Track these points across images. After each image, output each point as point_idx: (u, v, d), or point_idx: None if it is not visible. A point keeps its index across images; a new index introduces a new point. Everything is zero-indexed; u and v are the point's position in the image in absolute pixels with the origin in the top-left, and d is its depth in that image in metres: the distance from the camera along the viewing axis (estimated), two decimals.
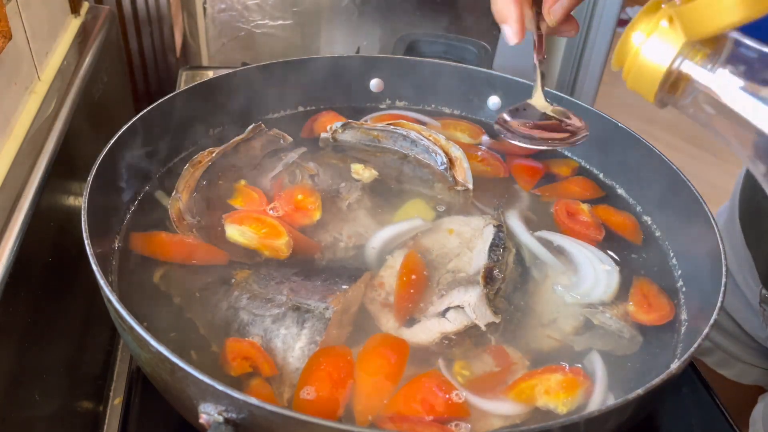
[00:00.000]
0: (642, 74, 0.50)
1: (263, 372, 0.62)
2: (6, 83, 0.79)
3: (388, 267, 0.76)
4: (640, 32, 0.50)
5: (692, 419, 0.78)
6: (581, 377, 0.64)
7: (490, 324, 0.69)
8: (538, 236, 0.83)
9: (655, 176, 0.87)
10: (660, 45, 0.48)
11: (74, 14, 1.12)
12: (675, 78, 0.49)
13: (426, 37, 1.41)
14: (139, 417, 0.72)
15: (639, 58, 0.50)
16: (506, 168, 0.97)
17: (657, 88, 0.49)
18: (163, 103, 0.85)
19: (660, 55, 0.48)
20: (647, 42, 0.49)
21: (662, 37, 0.48)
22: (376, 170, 0.92)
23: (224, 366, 0.63)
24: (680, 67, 0.48)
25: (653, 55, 0.49)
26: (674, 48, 0.48)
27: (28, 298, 0.67)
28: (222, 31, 1.69)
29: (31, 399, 0.66)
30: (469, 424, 0.59)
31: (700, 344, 0.58)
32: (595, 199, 0.92)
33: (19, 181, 0.73)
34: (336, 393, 0.59)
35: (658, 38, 0.48)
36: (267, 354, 0.63)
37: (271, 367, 0.62)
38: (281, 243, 0.77)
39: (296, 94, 1.05)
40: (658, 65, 0.49)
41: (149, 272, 0.73)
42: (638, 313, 0.73)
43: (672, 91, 0.50)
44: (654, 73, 0.49)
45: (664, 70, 0.48)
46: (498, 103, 1.07)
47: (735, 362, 1.13)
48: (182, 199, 0.80)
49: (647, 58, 0.49)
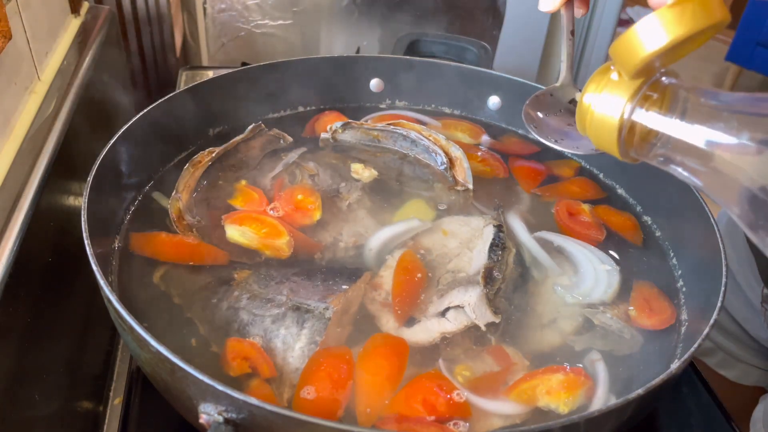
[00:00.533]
0: (600, 130, 0.52)
1: (262, 373, 0.62)
2: (6, 83, 0.79)
3: (388, 267, 0.76)
4: (592, 93, 0.52)
5: (692, 419, 0.78)
6: (582, 377, 0.64)
7: (490, 324, 0.69)
8: (537, 236, 0.83)
9: (655, 176, 0.87)
10: (610, 98, 0.51)
11: (74, 14, 1.12)
12: (630, 128, 0.50)
13: (426, 37, 1.41)
14: (139, 417, 0.72)
15: (594, 115, 0.52)
16: (506, 168, 0.97)
17: (616, 141, 0.51)
18: (163, 103, 0.85)
19: (611, 107, 0.51)
20: (599, 98, 0.51)
21: (612, 90, 0.51)
22: (375, 170, 0.92)
23: (224, 366, 0.63)
24: (633, 117, 0.50)
25: (605, 108, 0.51)
26: (623, 98, 0.50)
27: (28, 298, 0.67)
28: (222, 31, 1.69)
29: (31, 399, 0.66)
30: (468, 422, 0.59)
31: (700, 344, 0.58)
32: (595, 200, 0.92)
33: (19, 181, 0.73)
34: (336, 393, 0.59)
35: (608, 92, 0.51)
36: (267, 355, 0.63)
37: (270, 369, 0.62)
38: (282, 242, 0.77)
39: (296, 94, 1.05)
40: (611, 117, 0.51)
41: (149, 272, 0.73)
42: (640, 318, 0.73)
43: (630, 144, 0.52)
44: (610, 126, 0.51)
45: (617, 121, 0.51)
46: (498, 103, 1.07)
47: (736, 363, 1.13)
48: (182, 199, 0.80)
49: (601, 112, 0.52)
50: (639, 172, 0.91)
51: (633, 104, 0.50)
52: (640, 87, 0.50)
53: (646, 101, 0.50)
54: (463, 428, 0.59)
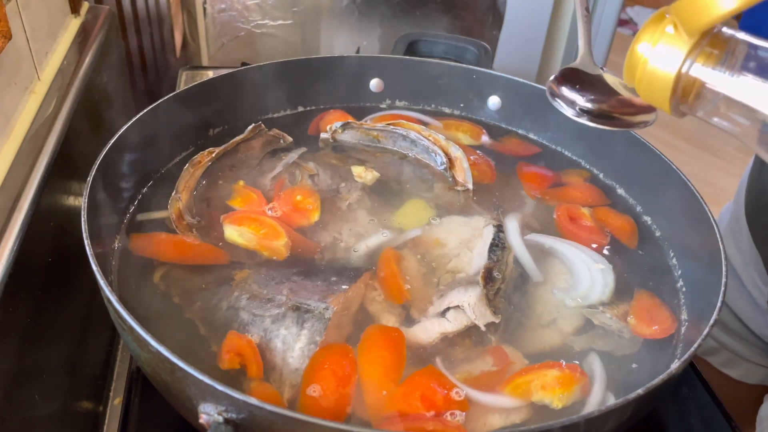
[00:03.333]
0: (652, 84, 0.49)
1: (249, 372, 0.61)
2: (6, 83, 0.79)
3: None
4: (646, 42, 0.49)
5: (692, 419, 0.78)
6: (578, 373, 0.65)
7: (489, 324, 0.69)
8: (529, 239, 0.82)
9: (655, 176, 0.87)
10: (667, 51, 0.48)
11: (74, 14, 1.12)
12: (686, 84, 0.48)
13: (426, 37, 1.41)
14: (139, 417, 0.72)
15: (647, 68, 0.49)
16: (494, 174, 0.95)
17: (669, 96, 0.49)
18: (163, 103, 0.85)
19: (668, 62, 0.48)
20: (654, 50, 0.48)
21: (668, 43, 0.48)
22: (377, 171, 0.92)
23: (217, 358, 0.63)
24: (690, 71, 0.47)
25: (661, 62, 0.48)
26: (681, 52, 0.47)
27: (28, 298, 0.67)
28: (222, 31, 1.69)
29: (31, 399, 0.66)
30: (464, 413, 0.60)
31: (700, 344, 0.58)
32: (598, 205, 0.91)
33: (19, 181, 0.73)
34: (342, 388, 0.60)
35: (664, 45, 0.48)
36: (260, 356, 0.63)
37: (258, 370, 0.61)
38: (280, 244, 0.76)
39: (296, 94, 1.05)
40: (666, 72, 0.48)
41: (149, 272, 0.73)
42: (640, 327, 0.72)
43: (685, 99, 0.49)
44: (664, 81, 0.48)
45: (673, 76, 0.48)
46: (498, 103, 1.07)
47: (741, 362, 1.13)
48: (182, 199, 0.80)
49: (655, 66, 0.49)
50: (639, 172, 0.91)
51: (692, 60, 0.47)
52: (699, 41, 0.46)
53: (707, 58, 0.46)
54: (460, 418, 0.59)
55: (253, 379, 0.61)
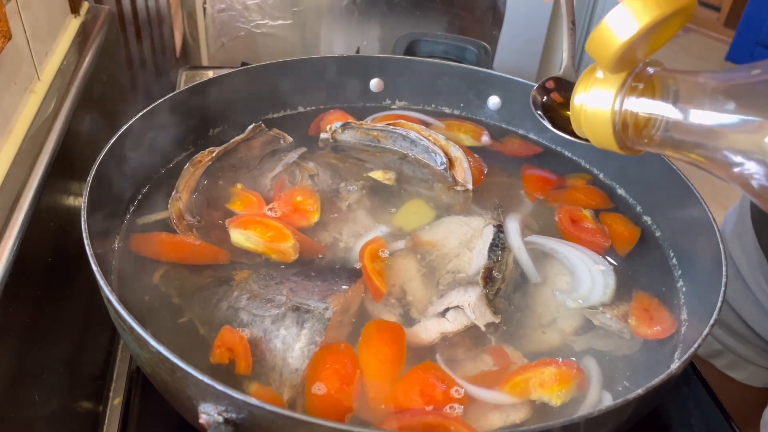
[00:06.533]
0: (595, 125, 0.54)
1: (238, 368, 0.62)
2: (6, 83, 0.79)
3: (387, 267, 0.76)
4: (582, 93, 0.54)
5: (692, 419, 0.78)
6: (575, 370, 0.65)
7: (489, 324, 0.69)
8: (529, 240, 0.82)
9: (655, 176, 0.87)
10: (599, 93, 0.53)
11: (74, 14, 1.12)
12: (624, 119, 0.52)
13: (426, 37, 1.41)
14: (139, 417, 0.72)
15: (588, 112, 0.54)
16: (482, 179, 0.94)
17: (612, 133, 0.53)
18: (163, 103, 0.85)
19: (602, 101, 0.53)
20: (588, 95, 0.54)
21: (599, 86, 0.53)
22: (394, 173, 0.92)
23: (209, 351, 0.63)
24: (624, 106, 0.52)
25: (596, 103, 0.53)
26: (611, 90, 0.52)
27: (28, 298, 0.67)
28: (222, 31, 1.69)
29: (31, 399, 0.66)
30: (463, 406, 0.60)
31: (700, 344, 0.58)
32: (602, 209, 0.91)
33: (19, 181, 0.73)
34: (345, 385, 0.60)
35: (597, 89, 0.53)
36: (250, 352, 0.63)
37: (247, 366, 0.62)
38: (288, 246, 0.76)
39: (296, 94, 1.05)
40: (603, 110, 0.53)
41: (149, 272, 0.73)
42: (641, 328, 0.72)
43: (627, 135, 0.53)
44: (603, 119, 0.53)
45: (609, 113, 0.52)
46: (498, 103, 1.07)
47: (746, 365, 1.12)
48: (182, 198, 0.80)
49: (593, 108, 0.53)
50: (639, 172, 0.91)
51: (622, 95, 0.52)
52: (625, 79, 0.52)
53: (634, 91, 0.51)
54: (458, 411, 0.60)
55: (240, 375, 0.62)
